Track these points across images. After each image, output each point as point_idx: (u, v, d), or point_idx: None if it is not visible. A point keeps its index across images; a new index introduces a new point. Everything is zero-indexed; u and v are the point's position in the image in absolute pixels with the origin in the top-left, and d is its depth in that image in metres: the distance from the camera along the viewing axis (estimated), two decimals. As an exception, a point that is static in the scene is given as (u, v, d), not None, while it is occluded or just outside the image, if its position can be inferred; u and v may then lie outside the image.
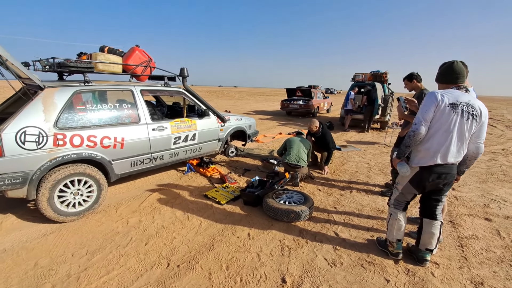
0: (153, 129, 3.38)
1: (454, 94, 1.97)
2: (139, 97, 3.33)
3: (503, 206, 3.52)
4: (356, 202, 3.54)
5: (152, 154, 3.42)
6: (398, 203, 2.34)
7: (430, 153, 2.03)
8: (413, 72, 3.51)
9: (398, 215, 2.30)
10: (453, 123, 1.95)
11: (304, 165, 4.07)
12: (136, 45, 3.53)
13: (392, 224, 2.33)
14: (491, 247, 2.58)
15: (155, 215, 3.01)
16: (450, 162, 2.03)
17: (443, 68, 2.11)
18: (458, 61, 2.06)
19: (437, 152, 2.01)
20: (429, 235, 2.23)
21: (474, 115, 1.95)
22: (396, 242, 2.32)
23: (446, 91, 2.01)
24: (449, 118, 1.95)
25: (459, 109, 1.93)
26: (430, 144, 2.03)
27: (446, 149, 1.99)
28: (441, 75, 2.13)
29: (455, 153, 2.02)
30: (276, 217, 2.96)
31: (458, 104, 1.94)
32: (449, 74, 2.06)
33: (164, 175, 4.26)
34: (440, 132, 1.99)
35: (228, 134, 4.56)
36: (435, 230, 2.22)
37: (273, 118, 12.64)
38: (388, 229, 2.38)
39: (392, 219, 2.33)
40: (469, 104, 1.95)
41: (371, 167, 5.17)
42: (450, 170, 2.06)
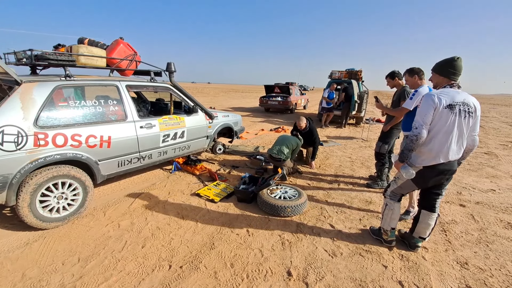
0: (141, 127, 3.23)
1: (450, 94, 2.01)
2: (125, 93, 3.15)
3: (473, 193, 3.87)
4: (345, 194, 3.69)
5: (141, 153, 3.26)
6: (394, 194, 2.43)
7: (432, 154, 2.08)
8: (395, 70, 3.71)
9: (393, 205, 2.41)
10: (452, 124, 2.00)
11: (284, 158, 4.11)
12: (120, 38, 3.32)
13: (387, 214, 2.43)
14: (469, 230, 2.84)
15: (147, 216, 2.88)
16: (452, 160, 2.08)
17: (444, 60, 2.12)
18: (459, 58, 2.07)
19: (440, 152, 2.05)
20: (425, 226, 2.34)
21: (470, 112, 2.01)
22: (390, 231, 2.44)
23: (442, 91, 2.04)
24: (448, 120, 1.99)
25: (457, 109, 1.98)
26: (432, 145, 2.07)
27: (447, 148, 2.04)
28: (439, 66, 2.13)
29: (456, 151, 2.07)
30: (273, 212, 2.98)
31: (455, 104, 1.98)
32: (449, 68, 2.07)
33: (150, 175, 4.09)
34: (441, 134, 2.03)
35: (216, 131, 4.49)
36: (431, 221, 2.33)
37: (253, 115, 12.65)
38: (382, 218, 2.48)
39: (387, 209, 2.44)
40: (465, 103, 2.00)
41: (353, 161, 5.40)
42: (452, 166, 2.12)
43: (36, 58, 2.56)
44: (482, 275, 2.15)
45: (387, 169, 3.90)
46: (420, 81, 3.21)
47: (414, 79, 3.12)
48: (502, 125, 11.94)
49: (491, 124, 12.26)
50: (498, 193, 3.92)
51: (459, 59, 2.07)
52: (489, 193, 3.89)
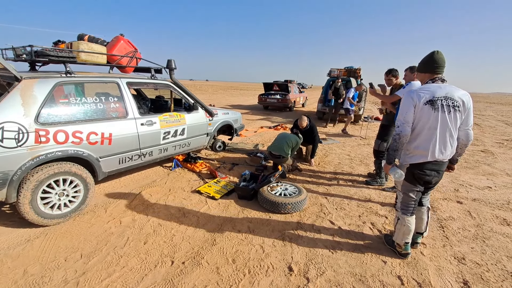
0: (142, 124, 3.23)
1: (430, 89, 1.97)
2: (125, 90, 3.14)
3: (470, 190, 3.93)
4: (344, 191, 3.72)
5: (141, 150, 3.27)
6: (405, 207, 2.23)
7: (419, 151, 2.04)
8: (394, 68, 3.74)
9: (405, 221, 2.22)
10: (435, 120, 1.95)
11: (284, 155, 4.14)
12: (120, 34, 3.31)
13: (400, 229, 2.26)
14: (466, 227, 2.88)
15: (148, 213, 2.89)
16: (439, 159, 2.03)
17: (424, 58, 2.12)
18: (439, 51, 2.04)
19: (426, 149, 2.02)
20: (419, 220, 2.37)
21: (456, 106, 1.95)
22: (404, 244, 2.28)
23: (422, 88, 2.02)
24: (430, 116, 1.95)
25: (438, 104, 1.93)
26: (418, 142, 2.05)
27: (433, 146, 2.00)
28: (421, 64, 2.13)
29: (443, 149, 2.01)
30: (273, 209, 3.01)
31: (435, 100, 1.94)
32: (429, 63, 2.06)
33: (150, 172, 4.09)
34: (425, 131, 2.01)
35: (216, 128, 4.50)
36: (423, 215, 2.36)
37: (252, 112, 12.66)
38: (395, 232, 2.32)
39: (400, 224, 2.26)
40: (447, 97, 1.94)
41: (352, 158, 5.44)
42: (441, 167, 2.08)
43: (36, 54, 2.55)
44: (478, 270, 2.20)
45: (385, 166, 3.94)
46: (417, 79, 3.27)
47: (413, 76, 3.19)
48: (498, 123, 12.07)
49: (487, 122, 12.38)
50: (494, 190, 3.98)
51: (438, 52, 2.04)
52: (486, 190, 3.95)
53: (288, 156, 4.27)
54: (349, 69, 10.72)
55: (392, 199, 3.51)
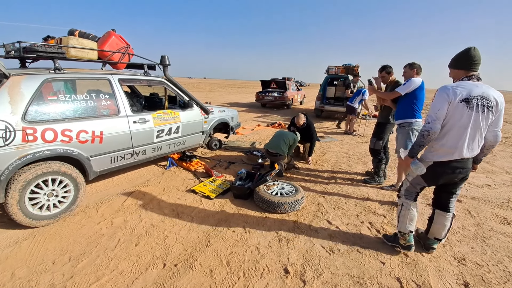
0: (134, 122, 3.14)
1: (467, 87, 1.88)
2: (117, 86, 3.06)
3: (469, 188, 3.88)
4: (342, 190, 3.66)
5: (134, 148, 3.19)
6: (409, 193, 2.28)
7: (445, 149, 1.98)
8: (388, 64, 3.66)
9: (410, 205, 2.24)
10: (468, 119, 1.87)
11: (282, 153, 4.07)
12: (112, 29, 3.21)
13: (404, 215, 2.25)
14: (466, 226, 2.83)
15: (141, 213, 2.82)
16: (465, 157, 1.97)
17: (458, 53, 2.02)
18: (475, 48, 1.96)
19: (453, 148, 1.95)
20: (440, 226, 2.25)
21: (490, 107, 1.87)
22: (408, 234, 2.26)
23: (458, 84, 1.92)
24: (463, 114, 1.87)
25: (473, 103, 1.85)
26: (446, 140, 1.97)
27: (461, 144, 1.93)
28: (455, 61, 2.03)
29: (471, 148, 1.96)
30: (270, 209, 2.94)
31: (471, 98, 1.85)
32: (465, 59, 1.96)
33: (144, 171, 4.01)
34: (455, 129, 1.92)
35: (212, 126, 4.42)
36: (446, 222, 2.23)
37: (249, 110, 12.57)
38: (399, 220, 2.29)
39: (404, 209, 2.26)
40: (483, 97, 1.86)
41: (350, 156, 5.38)
42: (465, 164, 2.01)
43: (25, 50, 2.46)
44: (479, 271, 2.14)
45: (383, 165, 3.89)
46: (417, 75, 3.20)
47: (413, 73, 3.13)
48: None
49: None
50: (493, 188, 3.93)
51: (475, 48, 1.95)
52: (485, 189, 3.90)
53: (285, 154, 4.21)
54: (347, 66, 10.63)
55: (390, 197, 3.45)
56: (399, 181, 3.67)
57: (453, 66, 2.06)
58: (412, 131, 3.15)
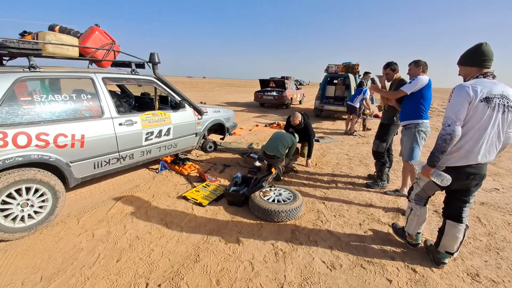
0: (120, 124, 2.92)
1: (486, 85, 1.73)
2: (101, 86, 2.83)
3: (477, 192, 3.66)
4: (343, 195, 3.46)
5: (120, 152, 2.97)
6: (419, 198, 2.21)
7: (460, 153, 1.82)
8: (393, 61, 3.44)
9: (419, 210, 2.20)
10: (488, 120, 1.73)
11: (279, 156, 3.88)
12: (95, 24, 2.98)
13: (412, 219, 2.24)
14: (476, 235, 2.63)
15: (126, 223, 2.60)
16: (481, 162, 1.82)
17: (469, 49, 1.89)
18: (487, 43, 1.82)
19: (469, 152, 1.80)
20: (452, 239, 2.04)
21: (510, 106, 1.73)
22: (416, 235, 2.27)
23: (477, 82, 1.76)
24: (483, 115, 1.72)
25: (494, 103, 1.71)
26: (462, 143, 1.80)
27: (479, 148, 1.78)
28: (466, 57, 1.89)
29: (488, 152, 1.82)
30: (266, 217, 2.73)
31: (492, 97, 1.71)
32: (477, 56, 1.82)
33: (134, 175, 3.79)
34: (473, 131, 1.77)
35: (206, 127, 4.19)
36: (459, 233, 2.02)
37: (247, 110, 12.34)
38: (407, 222, 2.29)
39: (413, 214, 2.23)
40: (504, 96, 1.73)
41: (351, 158, 5.17)
42: (481, 170, 1.86)
43: (-4, 47, 2.24)
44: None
45: (387, 168, 3.67)
46: (423, 73, 2.99)
47: (418, 70, 2.92)
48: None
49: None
50: (502, 192, 3.73)
51: (486, 44, 1.81)
52: (493, 193, 3.70)
53: (283, 156, 4.00)
54: (347, 65, 10.43)
55: (394, 203, 3.24)
56: (403, 185, 3.46)
57: (464, 63, 1.91)
58: (419, 133, 2.93)
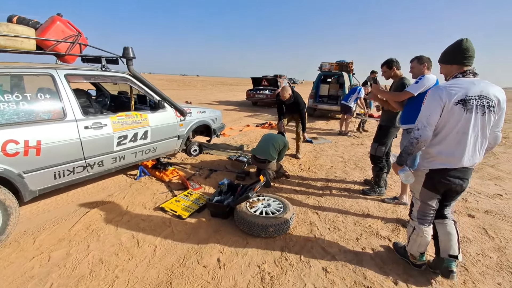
0: (86, 127, 2.57)
1: (462, 86, 1.65)
2: (63, 84, 2.47)
3: (479, 199, 3.44)
4: (338, 204, 3.17)
5: (87, 160, 2.61)
6: (423, 216, 1.95)
7: (442, 158, 1.76)
8: (392, 58, 3.17)
9: (422, 231, 1.95)
10: (467, 123, 1.65)
11: (271, 159, 3.60)
12: (57, 14, 2.61)
13: (415, 239, 1.99)
14: (485, 251, 2.37)
15: (91, 242, 2.26)
16: (466, 166, 1.74)
17: (449, 46, 1.81)
18: (468, 39, 1.73)
19: (451, 156, 1.72)
20: (447, 238, 1.93)
21: (491, 106, 1.64)
22: (419, 255, 2.03)
23: (453, 83, 1.68)
24: (460, 118, 1.65)
25: (471, 104, 1.62)
26: (442, 148, 1.75)
27: (461, 152, 1.70)
28: (445, 54, 1.82)
29: (473, 156, 1.73)
30: (252, 232, 2.43)
31: (468, 99, 1.62)
32: (456, 52, 1.75)
33: (109, 183, 3.43)
34: (452, 135, 1.70)
35: (190, 129, 3.85)
36: (451, 230, 1.92)
37: (239, 109, 12.00)
38: (409, 242, 2.04)
39: (415, 234, 1.98)
40: (482, 96, 1.63)
41: (345, 161, 4.90)
42: (466, 174, 1.78)
43: None
44: (516, 322, 1.68)
45: (385, 173, 3.41)
46: (428, 71, 2.72)
47: (423, 68, 2.65)
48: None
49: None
50: (506, 198, 3.51)
51: (467, 40, 1.72)
52: (497, 199, 3.48)
53: (274, 160, 3.71)
54: (341, 63, 10.17)
55: (393, 213, 2.98)
56: (403, 193, 3.20)
57: (444, 61, 1.84)
58: None
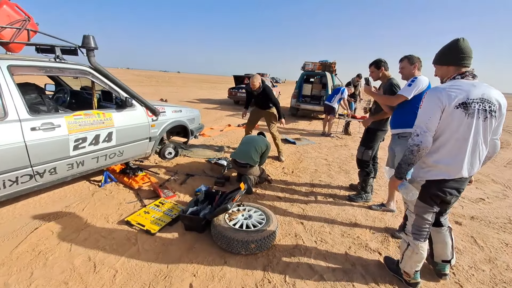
0: (33, 129, 2.16)
1: (463, 88, 1.51)
2: (4, 77, 2.05)
3: (464, 204, 3.39)
4: (324, 212, 2.97)
5: (34, 167, 2.20)
6: (418, 231, 1.78)
7: (440, 167, 1.61)
8: (380, 58, 3.02)
9: (418, 247, 1.78)
10: (468, 128, 1.52)
11: (253, 164, 3.36)
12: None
13: (410, 256, 1.83)
14: (477, 263, 2.25)
15: (35, 269, 1.87)
16: (465, 176, 1.61)
17: (444, 46, 1.68)
18: (464, 39, 1.60)
19: (449, 165, 1.59)
20: (442, 245, 1.94)
21: (492, 111, 1.52)
22: (414, 273, 1.89)
23: (452, 85, 1.54)
24: (461, 123, 1.51)
25: (472, 108, 1.49)
26: (440, 156, 1.60)
27: (460, 161, 1.57)
28: (441, 55, 1.68)
29: (472, 165, 1.61)
30: (231, 249, 2.15)
31: (470, 102, 1.49)
32: (452, 53, 1.61)
33: (68, 191, 3.00)
34: (451, 142, 1.56)
35: (164, 130, 3.48)
36: (446, 238, 1.92)
37: (220, 108, 11.63)
38: (403, 259, 1.89)
39: (410, 251, 1.82)
40: (484, 99, 1.50)
41: (330, 163, 4.75)
42: (463, 184, 1.68)
43: None
44: None
45: (372, 179, 3.26)
46: (418, 72, 2.57)
47: (413, 68, 2.49)
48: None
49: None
50: (488, 203, 3.49)
51: (464, 39, 1.60)
52: (480, 204, 3.45)
53: (256, 164, 3.46)
54: (324, 63, 10.11)
55: (381, 221, 2.82)
56: (390, 199, 3.06)
57: (440, 62, 1.70)
58: None
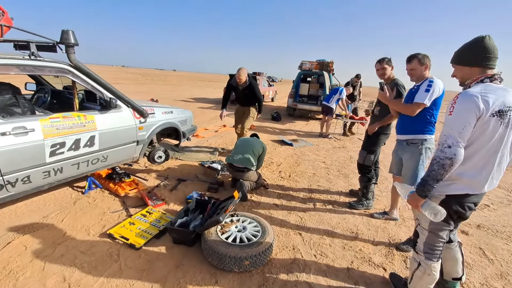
0: (3, 134, 1.93)
1: (498, 93, 1.30)
2: (-32, 75, 1.82)
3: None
4: (324, 221, 2.79)
5: (5, 176, 1.98)
6: (431, 250, 1.58)
7: (463, 180, 1.41)
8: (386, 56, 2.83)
9: (431, 268, 1.58)
10: (500, 140, 1.33)
11: (251, 167, 3.18)
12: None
13: (420, 277, 1.63)
14: (488, 280, 2.10)
15: (1, 292, 1.66)
16: (486, 191, 1.45)
17: (467, 44, 1.43)
18: (490, 36, 1.37)
19: (473, 179, 1.39)
20: (453, 262, 1.80)
21: None
22: None
23: (486, 90, 1.31)
24: (495, 133, 1.31)
25: (508, 117, 1.29)
26: (465, 169, 1.39)
27: (486, 175, 1.39)
28: (464, 54, 1.44)
29: (495, 179, 1.43)
30: (223, 266, 1.95)
31: (506, 110, 1.29)
32: (477, 52, 1.38)
33: (48, 199, 2.78)
34: (480, 153, 1.36)
35: (153, 133, 3.26)
36: (456, 254, 1.78)
37: (216, 107, 11.40)
38: (412, 279, 1.69)
39: (421, 271, 1.62)
40: None
41: (328, 167, 4.58)
42: (481, 198, 1.51)
43: None
44: None
45: (373, 184, 3.09)
46: (428, 72, 2.36)
47: (425, 69, 2.27)
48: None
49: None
50: (494, 210, 3.36)
51: (490, 37, 1.37)
52: (485, 211, 3.31)
53: (254, 168, 3.29)
54: (321, 62, 9.95)
55: (384, 231, 2.66)
56: (392, 207, 2.90)
57: (462, 63, 1.47)
58: (426, 151, 2.30)
